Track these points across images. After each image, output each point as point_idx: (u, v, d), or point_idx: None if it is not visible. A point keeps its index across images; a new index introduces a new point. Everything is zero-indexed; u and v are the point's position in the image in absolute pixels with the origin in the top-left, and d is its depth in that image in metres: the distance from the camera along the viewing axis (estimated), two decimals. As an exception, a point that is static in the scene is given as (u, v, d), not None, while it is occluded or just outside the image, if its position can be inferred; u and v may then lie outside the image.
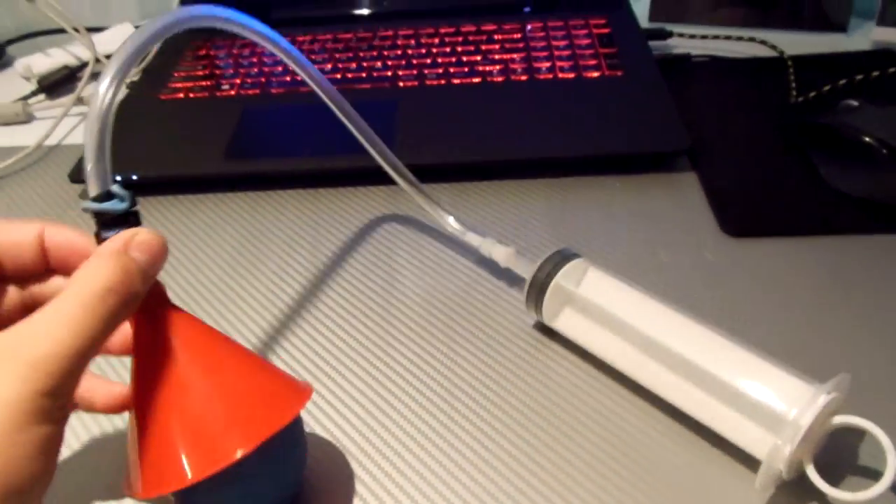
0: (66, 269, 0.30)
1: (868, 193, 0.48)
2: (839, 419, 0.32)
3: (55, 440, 0.24)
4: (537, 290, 0.40)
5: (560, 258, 0.40)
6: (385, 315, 0.44)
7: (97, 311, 0.24)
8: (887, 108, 0.50)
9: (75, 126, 0.64)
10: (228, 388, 0.29)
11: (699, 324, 0.36)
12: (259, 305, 0.45)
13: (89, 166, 0.27)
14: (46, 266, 0.30)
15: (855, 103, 0.51)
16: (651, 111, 0.56)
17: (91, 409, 0.33)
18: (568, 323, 0.40)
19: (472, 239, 0.45)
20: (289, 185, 0.55)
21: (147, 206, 0.54)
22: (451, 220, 0.46)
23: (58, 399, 0.23)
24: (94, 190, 0.27)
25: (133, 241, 0.27)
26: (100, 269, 0.25)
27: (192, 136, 0.58)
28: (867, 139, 0.48)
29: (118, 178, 0.31)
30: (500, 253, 0.44)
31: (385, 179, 0.53)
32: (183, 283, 0.47)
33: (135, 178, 0.54)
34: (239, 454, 0.27)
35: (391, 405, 0.39)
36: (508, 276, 0.45)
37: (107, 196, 0.27)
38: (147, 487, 0.28)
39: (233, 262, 0.49)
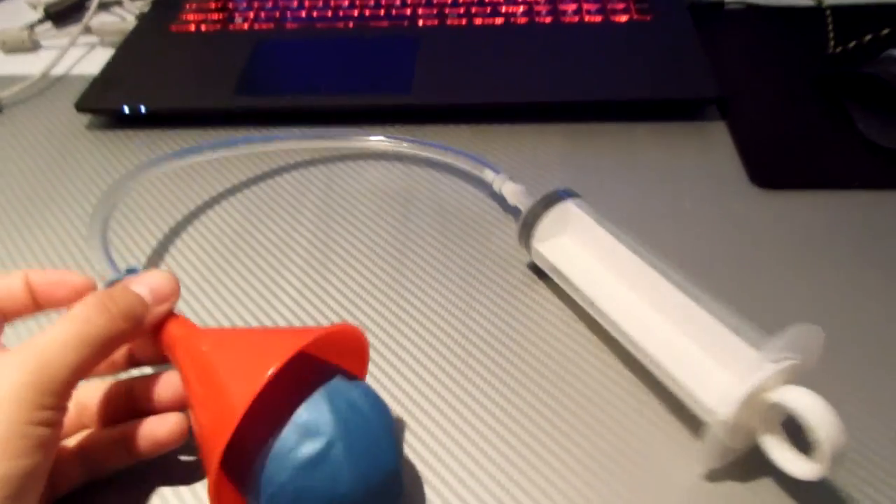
0: (53, 303, 0.32)
1: (908, 148, 0.46)
2: (774, 395, 0.29)
3: (52, 440, 0.27)
4: (527, 230, 0.39)
5: (552, 199, 0.38)
6: (401, 249, 0.43)
7: (93, 333, 0.28)
8: (933, 59, 0.47)
9: (83, 56, 0.62)
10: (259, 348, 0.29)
11: (672, 281, 0.34)
12: (270, 244, 0.44)
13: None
14: (36, 305, 0.32)
15: (899, 53, 0.48)
16: (680, 58, 0.54)
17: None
18: (547, 265, 0.39)
19: (487, 175, 0.44)
20: (301, 122, 0.53)
21: (155, 139, 0.52)
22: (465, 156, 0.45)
23: (57, 400, 0.26)
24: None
25: (143, 279, 0.31)
26: (103, 301, 0.29)
27: (202, 69, 0.56)
28: (911, 90, 0.45)
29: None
30: (509, 189, 0.42)
31: (400, 118, 0.52)
32: (194, 221, 0.46)
33: (143, 110, 0.52)
34: (270, 371, 0.26)
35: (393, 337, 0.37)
36: (517, 214, 0.44)
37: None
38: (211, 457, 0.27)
39: (243, 199, 0.47)
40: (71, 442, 0.32)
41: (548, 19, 0.58)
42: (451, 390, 0.36)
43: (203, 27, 0.60)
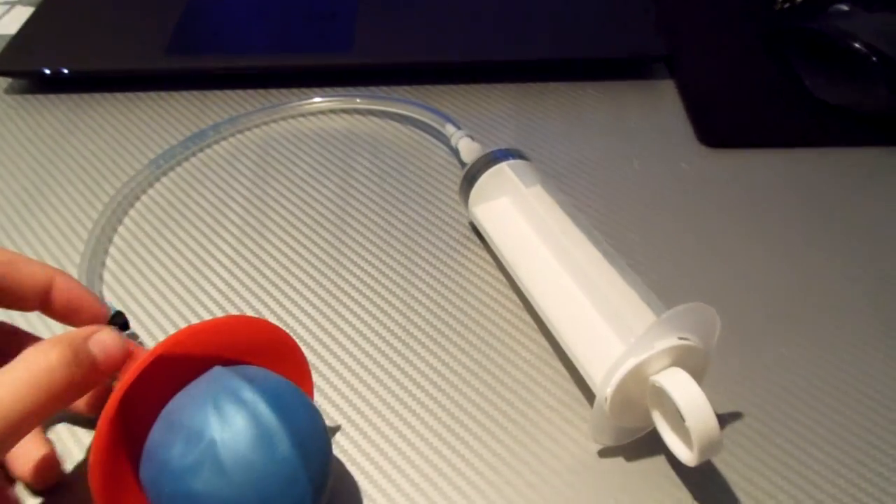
0: (62, 317, 0.30)
1: (855, 104, 0.46)
2: (657, 377, 0.27)
3: None
4: (465, 190, 0.38)
5: (490, 160, 0.37)
6: (340, 214, 0.41)
7: (41, 386, 0.24)
8: (880, 14, 0.47)
9: (1, 15, 0.58)
10: None
11: (597, 249, 0.33)
12: (202, 211, 0.42)
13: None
14: (43, 310, 0.30)
15: (845, 7, 0.48)
16: (627, 15, 0.52)
17: None
18: (479, 226, 0.38)
19: (448, 129, 0.43)
20: (237, 84, 0.50)
21: (80, 104, 0.49)
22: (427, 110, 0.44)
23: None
24: None
25: (94, 336, 0.27)
26: (54, 349, 0.25)
27: (130, 27, 0.52)
28: (856, 45, 0.45)
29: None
30: (465, 145, 0.41)
31: (341, 78, 0.50)
32: (124, 191, 0.43)
33: (66, 72, 0.49)
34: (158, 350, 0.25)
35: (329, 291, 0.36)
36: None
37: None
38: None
39: (175, 165, 0.45)
40: None
41: (494, -25, 0.56)
42: (388, 357, 0.35)
43: (131, -17, 0.57)
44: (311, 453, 0.25)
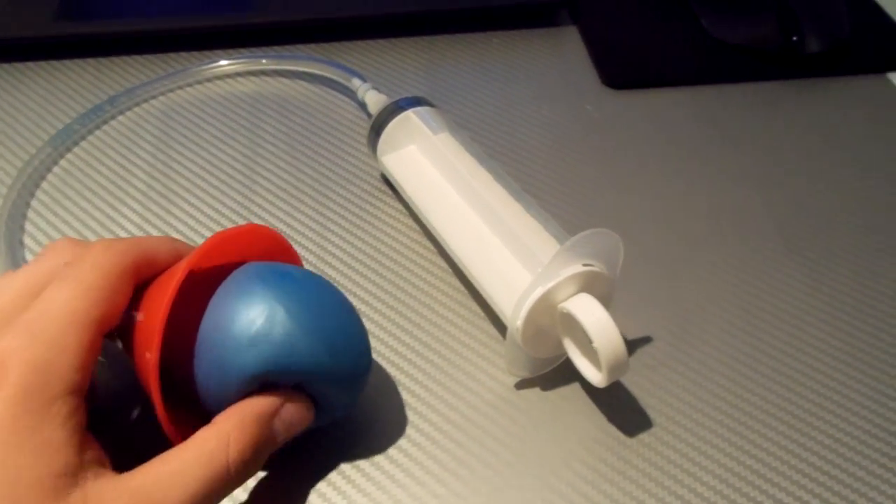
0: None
1: (749, 41, 0.47)
2: (565, 304, 0.28)
3: None
4: (373, 141, 0.38)
5: (395, 109, 0.37)
6: (249, 174, 0.40)
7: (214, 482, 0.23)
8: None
9: None
10: None
11: (503, 187, 0.33)
12: (107, 181, 0.40)
13: None
14: None
15: (737, -53, 0.49)
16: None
17: None
18: (388, 174, 0.38)
19: (354, 83, 0.43)
20: (135, 49, 0.48)
21: (-35, 77, 0.46)
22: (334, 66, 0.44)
23: None
24: None
25: (282, 412, 0.25)
26: (235, 444, 0.24)
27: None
28: (748, -17, 0.46)
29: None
30: (371, 97, 0.41)
31: (242, 39, 0.49)
32: (17, 164, 0.41)
33: (-54, 43, 0.46)
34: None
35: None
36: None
37: None
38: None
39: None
40: None
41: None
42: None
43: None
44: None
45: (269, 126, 0.44)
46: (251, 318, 0.24)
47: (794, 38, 0.46)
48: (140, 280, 0.26)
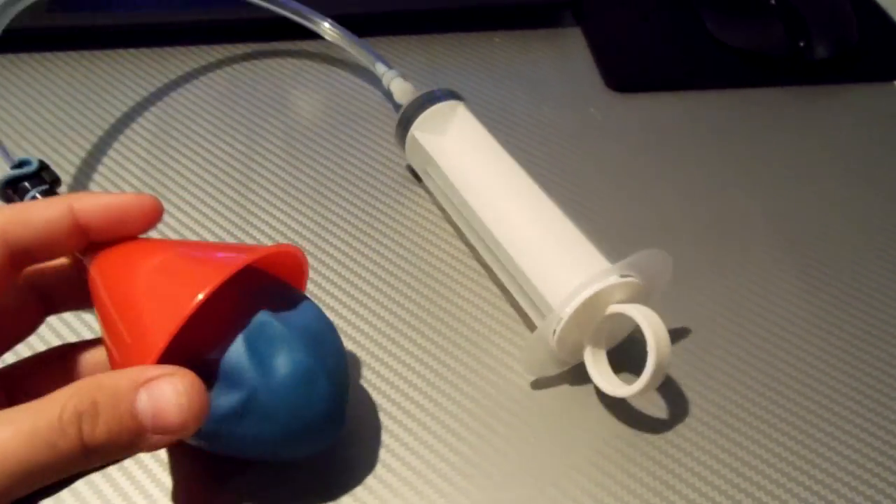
0: (119, 233, 0.25)
1: (755, 46, 0.46)
2: (612, 308, 0.28)
3: None
4: (403, 127, 0.37)
5: (432, 98, 0.36)
6: (246, 172, 0.39)
7: (42, 448, 0.19)
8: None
9: None
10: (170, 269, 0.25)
11: (536, 184, 0.33)
12: (99, 177, 0.40)
13: None
14: (83, 245, 0.25)
15: (743, -50, 0.48)
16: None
17: None
18: (421, 160, 0.37)
19: (379, 69, 0.41)
20: (128, 42, 0.47)
21: (-45, 68, 0.46)
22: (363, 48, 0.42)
23: None
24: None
25: (151, 386, 0.21)
26: (71, 400, 0.20)
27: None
28: (755, -13, 0.46)
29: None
30: (397, 85, 0.40)
31: (241, 35, 0.48)
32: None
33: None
34: (200, 297, 0.23)
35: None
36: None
37: (18, 165, 0.32)
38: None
39: (66, 130, 0.42)
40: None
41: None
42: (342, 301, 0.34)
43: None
44: (337, 374, 0.26)
45: (268, 123, 0.43)
46: (228, 393, 0.24)
47: (801, 44, 0.45)
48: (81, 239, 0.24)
